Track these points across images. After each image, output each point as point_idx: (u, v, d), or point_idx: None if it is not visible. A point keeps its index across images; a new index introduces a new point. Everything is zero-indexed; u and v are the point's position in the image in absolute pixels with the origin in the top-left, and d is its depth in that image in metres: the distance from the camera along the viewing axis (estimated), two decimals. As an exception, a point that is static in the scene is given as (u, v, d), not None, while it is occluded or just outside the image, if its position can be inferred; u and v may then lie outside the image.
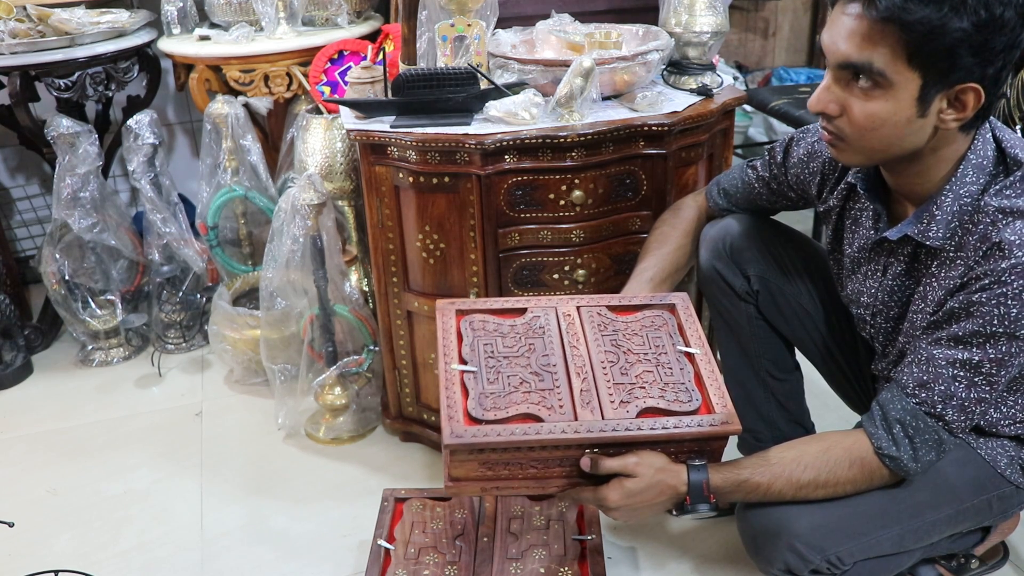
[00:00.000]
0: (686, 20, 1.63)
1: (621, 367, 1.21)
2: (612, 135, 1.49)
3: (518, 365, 1.20)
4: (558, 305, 1.31)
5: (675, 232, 1.48)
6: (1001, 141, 1.08)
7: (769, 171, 1.41)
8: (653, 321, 1.29)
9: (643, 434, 1.12)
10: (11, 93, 2.05)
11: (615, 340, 1.25)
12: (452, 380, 1.17)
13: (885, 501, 1.17)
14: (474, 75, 1.53)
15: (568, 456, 1.14)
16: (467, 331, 1.25)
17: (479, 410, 1.13)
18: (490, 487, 1.18)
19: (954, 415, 1.09)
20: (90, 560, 1.61)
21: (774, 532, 1.17)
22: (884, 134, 1.04)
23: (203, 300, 2.33)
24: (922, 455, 1.11)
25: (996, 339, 1.03)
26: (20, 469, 1.89)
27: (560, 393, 1.16)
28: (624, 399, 1.16)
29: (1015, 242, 1.00)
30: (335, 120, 1.97)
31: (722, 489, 1.16)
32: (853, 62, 1.01)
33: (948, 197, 1.07)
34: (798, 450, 1.17)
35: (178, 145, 2.76)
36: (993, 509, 1.23)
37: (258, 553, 1.62)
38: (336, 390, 1.91)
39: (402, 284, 1.67)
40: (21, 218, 2.68)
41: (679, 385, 1.18)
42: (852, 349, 1.43)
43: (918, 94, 1.00)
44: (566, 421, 1.12)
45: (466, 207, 1.52)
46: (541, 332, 1.26)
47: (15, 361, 2.22)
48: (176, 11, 2.22)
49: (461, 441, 1.09)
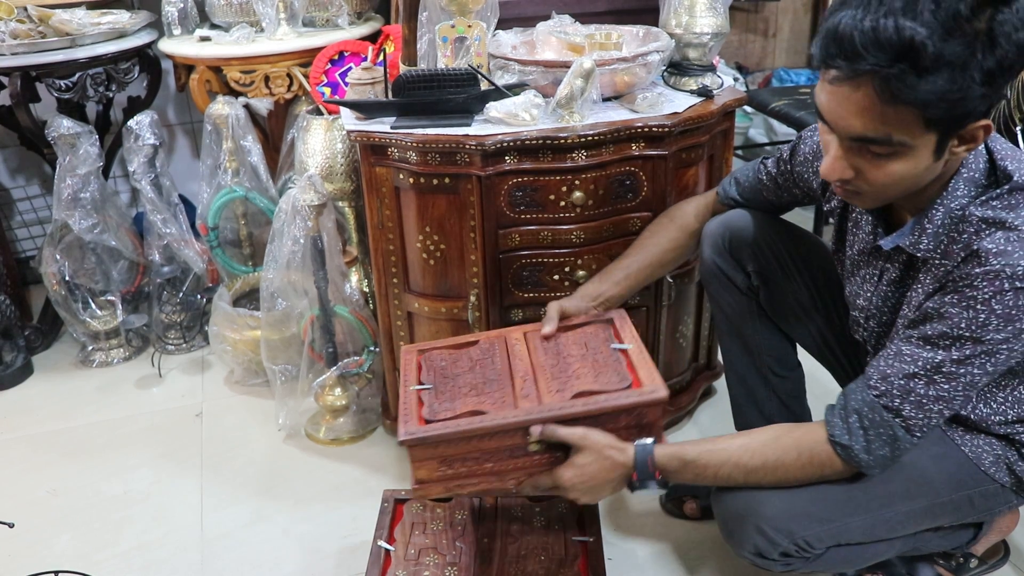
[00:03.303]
0: (686, 21, 1.63)
1: (560, 367, 1.32)
2: (612, 136, 1.49)
3: (468, 378, 1.34)
4: (507, 334, 1.45)
5: (665, 225, 1.50)
6: (993, 153, 1.08)
7: (778, 168, 1.42)
8: (593, 332, 1.40)
9: (576, 411, 1.21)
10: (12, 94, 2.05)
11: (556, 350, 1.37)
12: (410, 397, 1.32)
13: (854, 489, 1.18)
14: (474, 76, 1.53)
15: (517, 445, 1.23)
16: (425, 363, 1.41)
17: (431, 413, 1.26)
18: (453, 486, 1.27)
19: (911, 411, 1.08)
20: (90, 561, 1.61)
21: (743, 515, 1.20)
22: (904, 185, 1.04)
23: (203, 301, 2.33)
24: (875, 448, 1.11)
25: (962, 342, 1.04)
26: (20, 470, 1.89)
27: (504, 392, 1.28)
28: (560, 388, 1.27)
29: (992, 250, 1.01)
30: (336, 121, 1.97)
31: (668, 467, 1.21)
32: (869, 138, 0.98)
33: (939, 211, 1.09)
34: (748, 437, 1.21)
35: (179, 146, 2.76)
36: (975, 506, 1.23)
37: (258, 554, 1.62)
38: (336, 391, 1.91)
39: (402, 285, 1.67)
40: (22, 219, 2.68)
41: (612, 371, 1.28)
42: (852, 345, 1.44)
43: (935, 147, 0.99)
44: (507, 409, 1.23)
45: (466, 208, 1.52)
46: (491, 354, 1.40)
47: (15, 362, 2.22)
48: (177, 12, 2.22)
49: (414, 436, 1.21)
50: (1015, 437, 1.20)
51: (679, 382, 1.90)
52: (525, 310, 1.63)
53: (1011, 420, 1.19)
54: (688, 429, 1.92)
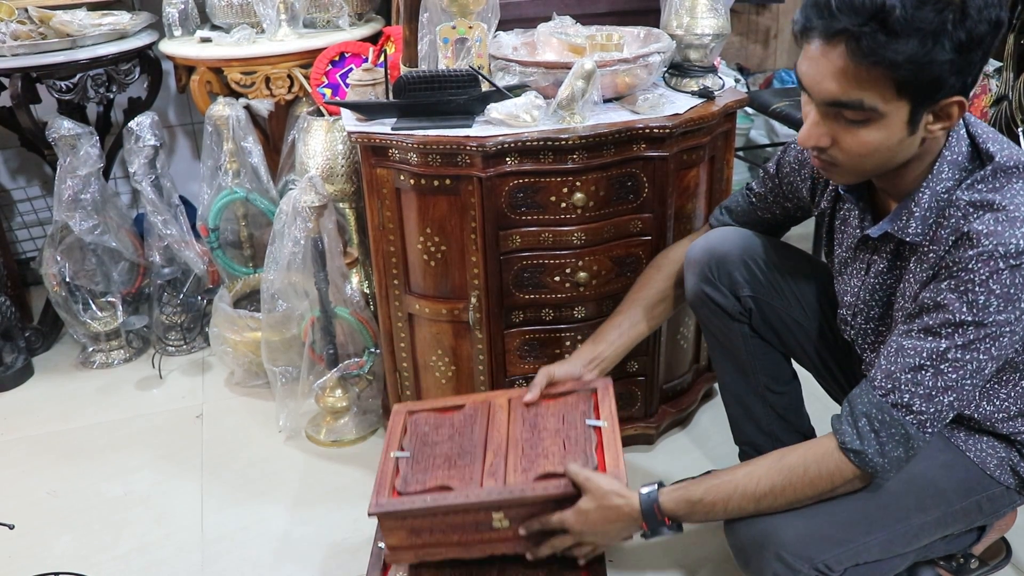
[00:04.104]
0: (687, 22, 1.63)
1: (532, 443, 1.36)
2: (613, 137, 1.49)
3: (445, 448, 1.39)
4: (493, 399, 1.49)
5: (652, 276, 1.51)
6: (975, 137, 1.09)
7: (765, 186, 1.43)
8: (573, 403, 1.43)
9: (537, 495, 1.26)
10: (12, 95, 2.05)
11: (534, 422, 1.41)
12: (388, 464, 1.37)
13: (869, 507, 1.16)
14: (475, 77, 1.53)
15: (481, 521, 1.29)
16: (411, 425, 1.47)
17: (403, 485, 1.32)
18: (423, 554, 1.34)
19: (921, 405, 1.07)
20: (90, 562, 1.61)
21: (760, 543, 1.16)
22: (879, 157, 1.06)
23: (204, 302, 2.33)
24: (888, 450, 1.09)
25: (964, 327, 1.03)
26: (20, 471, 1.89)
27: (474, 467, 1.33)
28: (526, 467, 1.31)
29: (982, 231, 1.01)
30: (336, 122, 1.97)
31: (676, 511, 1.20)
32: (842, 101, 1.01)
33: (926, 194, 1.09)
34: (752, 464, 1.19)
35: (179, 147, 2.76)
36: (983, 510, 1.23)
37: (258, 555, 1.62)
38: (337, 392, 1.91)
39: (403, 286, 1.67)
40: (22, 220, 2.68)
41: (580, 453, 1.31)
42: (846, 356, 1.43)
43: (908, 118, 1.02)
44: (472, 488, 1.28)
45: (467, 209, 1.52)
46: (472, 422, 1.44)
47: (16, 363, 2.22)
48: (177, 13, 2.22)
49: (381, 509, 1.29)
50: (1017, 438, 1.20)
51: (680, 384, 1.89)
52: (526, 312, 1.63)
53: (1014, 415, 1.19)
54: (689, 431, 1.92)
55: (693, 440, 1.89)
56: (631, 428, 1.81)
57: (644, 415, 1.82)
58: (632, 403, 1.80)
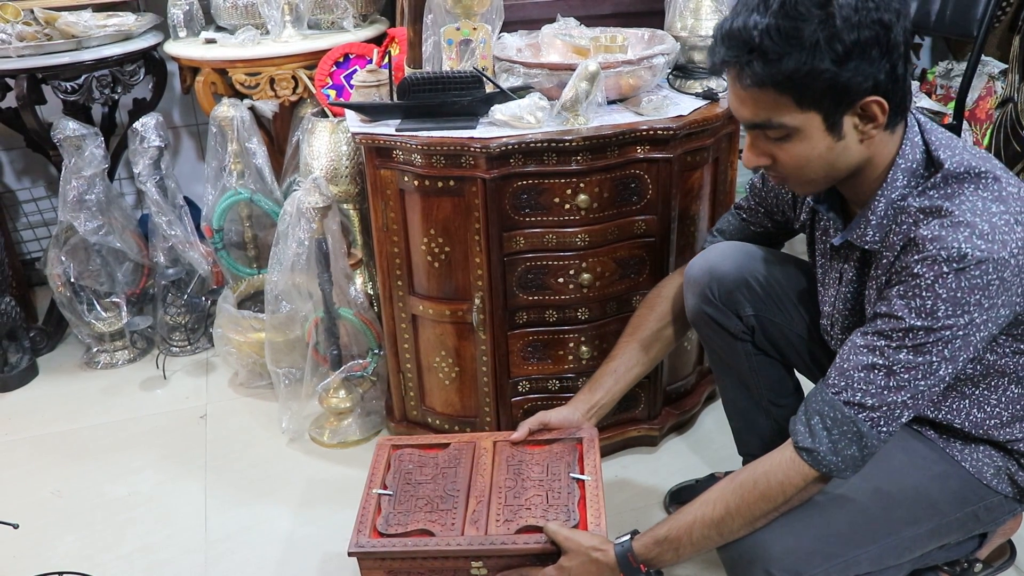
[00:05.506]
0: (692, 24, 1.63)
1: (515, 492, 1.36)
2: (617, 139, 1.49)
3: (427, 489, 1.39)
4: (478, 440, 1.48)
5: (645, 316, 1.49)
6: (929, 144, 1.10)
7: (753, 201, 1.44)
8: (558, 452, 1.44)
9: (518, 548, 1.26)
10: (18, 96, 2.05)
11: (518, 469, 1.41)
12: (371, 500, 1.37)
13: (859, 521, 1.16)
14: (479, 79, 1.53)
15: (460, 568, 1.29)
16: (395, 461, 1.47)
17: (385, 525, 1.32)
18: None
19: (872, 403, 1.06)
20: (94, 562, 1.61)
21: (749, 559, 1.16)
22: (816, 166, 1.09)
23: (208, 303, 2.33)
24: (841, 448, 1.08)
25: (914, 332, 1.03)
26: (25, 471, 1.90)
27: (456, 513, 1.33)
28: (509, 518, 1.31)
29: (927, 237, 1.02)
30: (340, 123, 1.98)
31: (648, 555, 1.20)
32: (756, 123, 1.07)
33: (881, 202, 1.10)
34: (709, 492, 1.18)
35: (184, 148, 2.77)
36: (981, 519, 1.22)
37: (262, 556, 1.62)
38: (340, 393, 1.91)
39: (407, 288, 1.67)
40: (27, 220, 2.69)
41: (562, 507, 1.32)
42: None
43: (824, 126, 1.04)
44: (453, 535, 1.29)
45: (471, 211, 1.52)
46: (456, 463, 1.44)
47: (20, 363, 2.22)
48: (182, 14, 2.23)
49: (362, 550, 1.29)
50: (1014, 446, 1.19)
51: (683, 386, 1.89)
52: (529, 313, 1.63)
53: (1008, 421, 1.18)
54: (692, 433, 1.91)
55: (696, 442, 1.88)
56: (634, 430, 1.81)
57: (647, 417, 1.82)
58: (635, 405, 1.79)
